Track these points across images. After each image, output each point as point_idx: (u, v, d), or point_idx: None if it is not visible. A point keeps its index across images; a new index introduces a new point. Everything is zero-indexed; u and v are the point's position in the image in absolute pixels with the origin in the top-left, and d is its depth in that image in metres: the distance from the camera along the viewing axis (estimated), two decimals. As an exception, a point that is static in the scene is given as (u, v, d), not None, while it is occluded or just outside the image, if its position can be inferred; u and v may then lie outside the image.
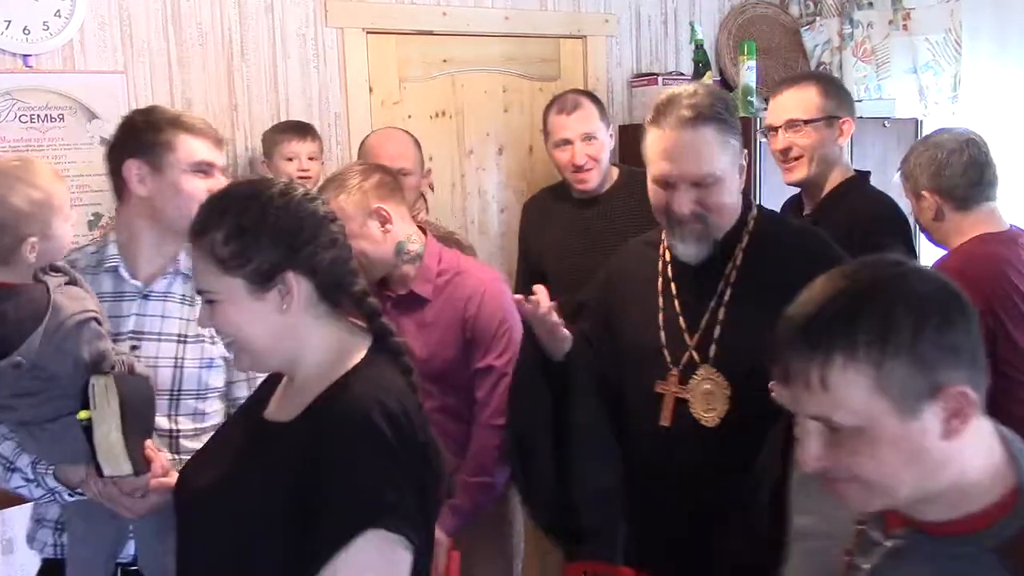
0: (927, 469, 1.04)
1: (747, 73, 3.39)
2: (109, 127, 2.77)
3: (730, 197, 1.82)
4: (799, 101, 2.52)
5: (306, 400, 1.39)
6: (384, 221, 2.27)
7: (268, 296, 1.38)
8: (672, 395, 1.84)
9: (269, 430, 1.43)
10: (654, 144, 1.81)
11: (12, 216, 1.64)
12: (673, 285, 1.91)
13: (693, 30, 3.60)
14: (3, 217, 1.64)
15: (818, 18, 3.99)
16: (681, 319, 1.87)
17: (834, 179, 2.53)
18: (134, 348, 1.84)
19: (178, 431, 1.84)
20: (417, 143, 2.90)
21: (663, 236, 1.92)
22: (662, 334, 1.88)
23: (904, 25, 3.71)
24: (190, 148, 1.86)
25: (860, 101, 3.71)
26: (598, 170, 2.89)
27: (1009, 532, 1.04)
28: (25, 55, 2.69)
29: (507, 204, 3.61)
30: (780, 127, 2.52)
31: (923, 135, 3.31)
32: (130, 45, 2.85)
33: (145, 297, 1.88)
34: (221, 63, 2.99)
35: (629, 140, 3.74)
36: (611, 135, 2.95)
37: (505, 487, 2.39)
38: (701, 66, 3.52)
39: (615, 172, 2.99)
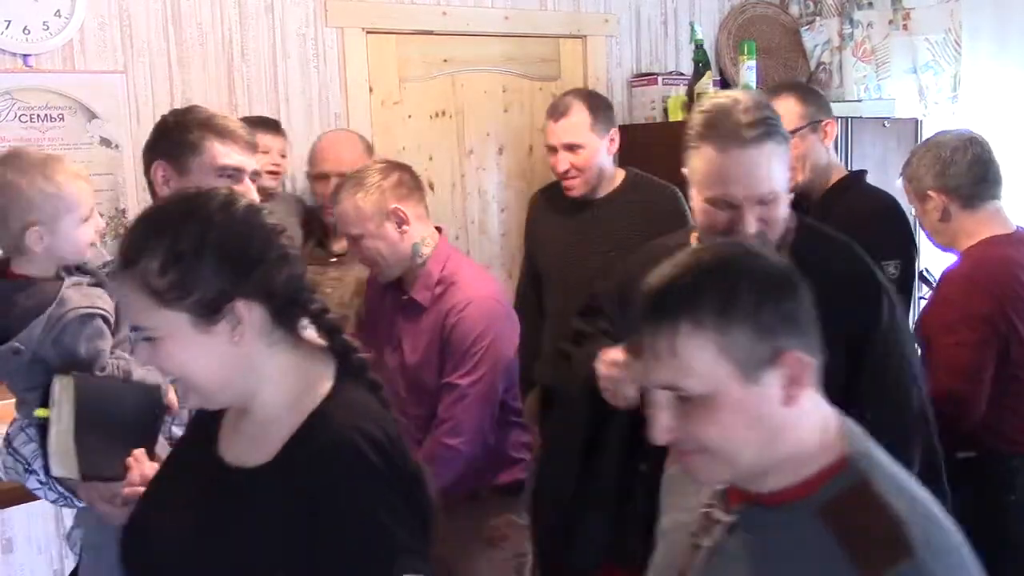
0: (767, 435, 1.09)
1: (747, 73, 3.39)
2: (109, 127, 2.79)
3: (785, 210, 1.76)
4: (782, 113, 2.49)
5: (277, 439, 1.24)
6: (401, 222, 2.27)
7: (216, 328, 1.21)
8: None
9: (237, 478, 1.26)
10: (710, 163, 1.69)
11: (18, 199, 1.66)
12: None
13: (693, 30, 3.59)
14: (10, 199, 1.66)
15: (818, 18, 4.00)
16: None
17: (830, 178, 2.54)
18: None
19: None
20: (368, 148, 2.87)
21: (692, 241, 1.81)
22: None
23: (904, 25, 3.71)
24: (216, 151, 1.83)
25: (860, 101, 3.72)
26: (583, 179, 2.83)
27: (831, 494, 1.09)
28: (25, 55, 2.69)
29: (507, 204, 3.61)
30: None
31: (923, 135, 3.31)
32: (130, 45, 2.85)
33: None
34: (221, 63, 2.99)
35: (629, 140, 3.74)
36: (611, 139, 2.87)
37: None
38: (701, 66, 3.52)
39: (619, 175, 2.93)
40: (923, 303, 2.68)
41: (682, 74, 3.77)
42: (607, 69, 3.76)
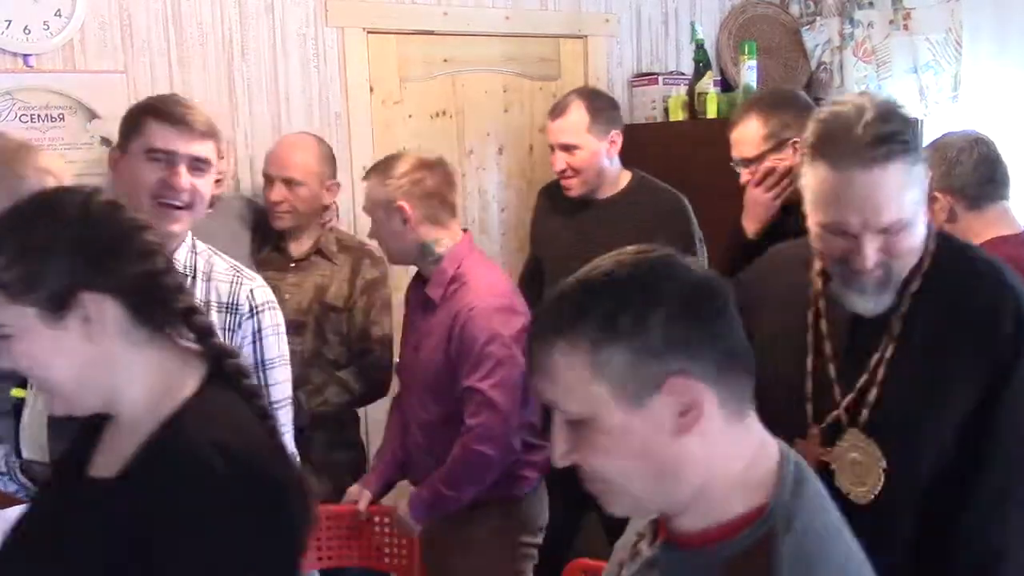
0: (658, 467, 1.01)
1: (748, 73, 3.39)
2: (109, 127, 2.78)
3: (918, 238, 1.51)
4: (744, 139, 2.46)
5: (132, 446, 1.18)
6: (404, 220, 2.30)
7: (68, 324, 1.16)
8: (814, 459, 1.50)
9: (91, 489, 1.21)
10: (823, 184, 1.47)
11: None
12: (826, 324, 1.59)
13: (694, 30, 3.60)
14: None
15: (818, 18, 3.99)
16: (832, 368, 1.57)
17: None
18: None
19: None
20: (325, 156, 2.79)
21: (818, 261, 1.63)
22: (809, 383, 1.58)
23: (904, 25, 3.71)
24: (150, 132, 1.80)
25: (860, 101, 3.71)
26: (580, 179, 2.80)
27: (740, 547, 1.01)
28: (25, 55, 2.69)
29: (507, 204, 3.61)
30: (739, 162, 2.49)
31: (923, 135, 3.31)
32: (130, 45, 2.85)
33: None
34: (221, 63, 2.99)
35: (629, 140, 3.73)
36: (612, 141, 2.82)
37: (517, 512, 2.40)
38: (702, 66, 3.52)
39: (624, 177, 2.88)
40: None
41: (683, 74, 3.76)
42: (607, 69, 3.76)
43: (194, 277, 1.85)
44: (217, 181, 2.75)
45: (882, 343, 1.53)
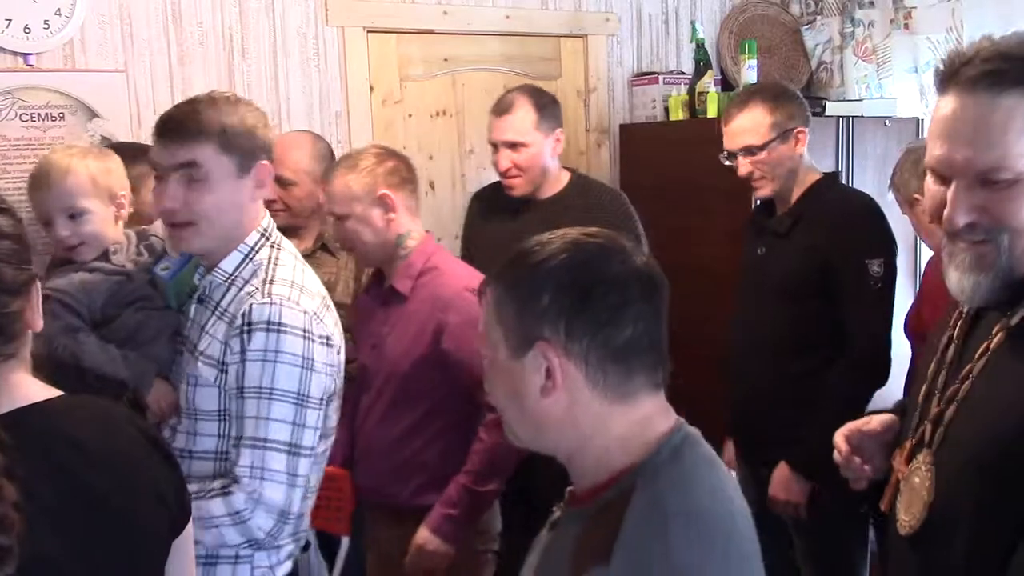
0: (528, 415, 1.17)
1: (748, 72, 3.39)
2: (110, 126, 2.79)
3: None
4: (750, 127, 2.48)
5: None
6: (388, 209, 2.23)
7: None
8: (897, 475, 1.36)
9: None
10: (933, 117, 1.26)
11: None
12: (961, 321, 1.36)
13: (694, 29, 3.60)
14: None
15: (819, 17, 3.99)
16: (943, 374, 1.35)
17: (806, 180, 2.51)
18: (180, 354, 1.79)
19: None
20: (321, 154, 2.71)
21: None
22: (924, 388, 1.38)
23: (905, 24, 3.71)
24: (153, 149, 1.73)
25: (861, 100, 3.71)
26: (526, 178, 2.73)
27: (605, 500, 1.14)
28: (26, 54, 2.69)
29: (508, 203, 3.61)
30: (738, 153, 2.49)
31: (924, 135, 3.31)
32: (131, 44, 2.85)
33: (200, 301, 1.79)
34: (222, 62, 2.99)
35: (629, 139, 3.75)
36: (556, 139, 2.75)
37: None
38: (702, 65, 3.52)
39: (564, 177, 2.82)
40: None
41: (683, 73, 3.76)
42: (608, 68, 3.76)
43: (232, 284, 1.75)
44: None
45: (979, 351, 1.27)
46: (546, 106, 2.75)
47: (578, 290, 1.14)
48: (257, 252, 1.76)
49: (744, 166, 2.50)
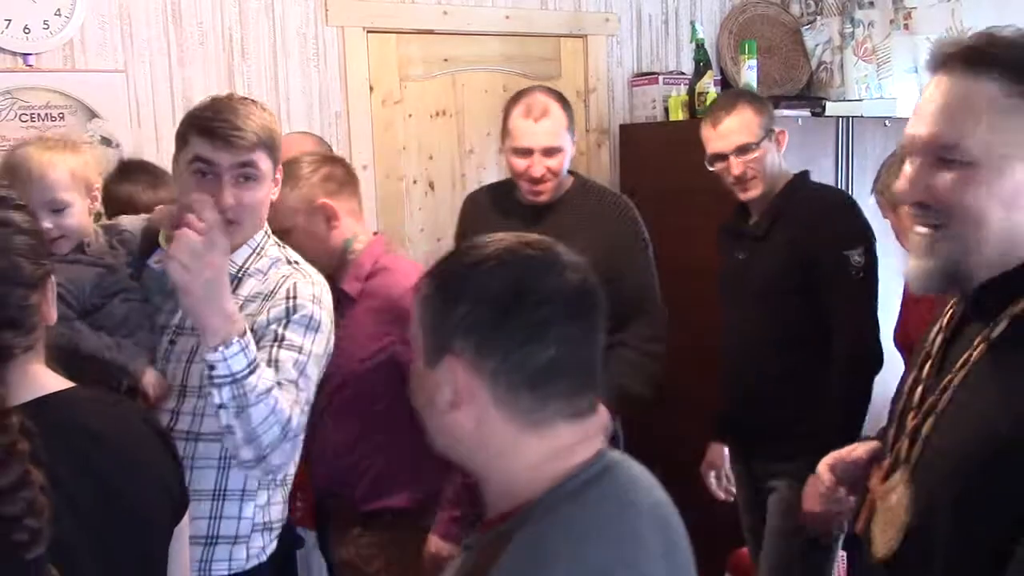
0: (439, 426, 1.08)
1: (748, 73, 3.39)
2: (109, 126, 2.79)
3: (999, 195, 1.12)
4: (742, 125, 2.49)
5: None
6: (330, 218, 2.19)
7: None
8: (873, 495, 1.28)
9: None
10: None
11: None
12: (943, 333, 1.28)
13: (694, 29, 3.59)
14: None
15: (819, 17, 3.99)
16: (921, 388, 1.26)
17: (779, 182, 2.53)
18: (172, 343, 1.83)
19: (172, 429, 1.76)
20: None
21: None
22: (902, 401, 1.30)
23: (905, 24, 3.71)
24: (192, 144, 1.79)
25: (861, 101, 3.71)
26: (554, 183, 2.61)
27: (496, 533, 1.06)
28: (25, 54, 2.69)
29: (507, 203, 3.61)
30: (731, 153, 2.50)
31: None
32: (130, 44, 2.85)
33: None
34: (221, 62, 2.99)
35: (629, 140, 3.75)
36: (574, 142, 2.66)
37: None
38: (702, 65, 3.52)
39: (567, 180, 2.68)
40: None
41: (683, 74, 3.76)
42: (607, 68, 3.76)
43: (244, 275, 1.85)
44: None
45: (961, 361, 1.18)
46: (569, 110, 2.67)
47: (497, 304, 1.03)
48: (264, 248, 1.89)
49: (737, 166, 2.49)
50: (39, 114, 2.70)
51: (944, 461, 1.15)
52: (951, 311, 1.28)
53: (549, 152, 2.57)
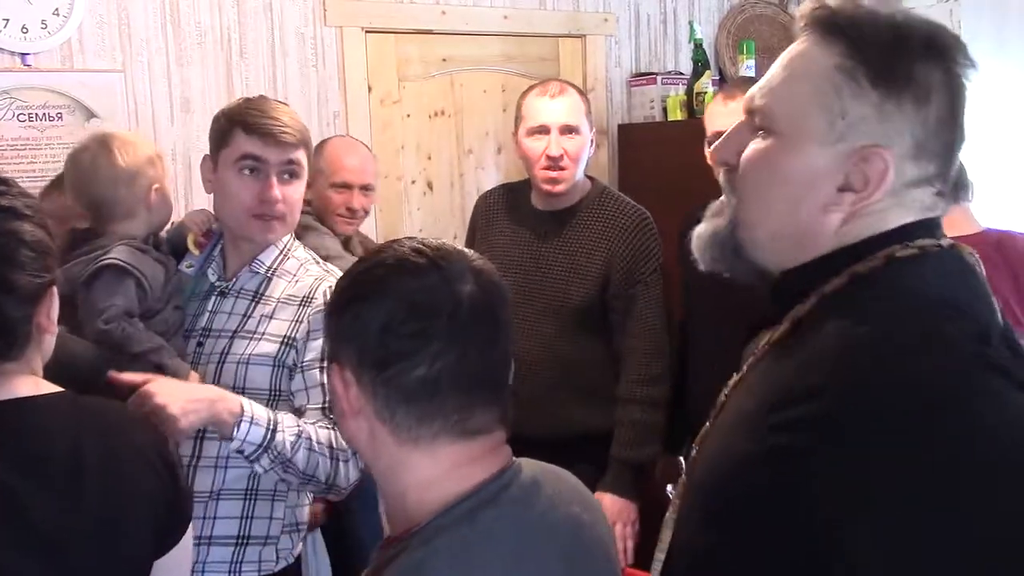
0: (345, 433, 1.07)
1: (746, 73, 3.40)
2: (108, 126, 2.78)
3: (790, 175, 0.98)
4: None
5: None
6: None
7: None
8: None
9: None
10: None
11: (140, 162, 1.83)
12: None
13: (692, 29, 3.60)
14: (136, 161, 1.83)
15: (817, 17, 4.00)
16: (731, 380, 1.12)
17: None
18: (199, 346, 1.83)
19: (205, 432, 1.74)
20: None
21: None
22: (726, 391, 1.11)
23: (903, 25, 3.71)
24: (238, 142, 1.79)
25: (859, 101, 3.71)
26: (572, 171, 2.41)
27: (384, 556, 1.02)
28: (23, 54, 2.69)
29: (506, 203, 3.61)
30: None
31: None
32: (128, 44, 2.85)
33: (222, 294, 1.86)
34: (220, 62, 2.99)
35: (627, 140, 3.75)
36: (593, 141, 2.49)
37: None
38: (700, 65, 3.52)
39: (587, 184, 2.51)
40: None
41: (681, 74, 3.76)
42: (606, 68, 3.76)
43: (273, 276, 1.86)
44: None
45: (759, 349, 1.04)
46: (587, 101, 2.52)
47: (379, 315, 0.99)
48: (291, 249, 1.91)
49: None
50: (37, 114, 2.70)
51: (699, 472, 1.02)
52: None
53: (567, 130, 2.40)
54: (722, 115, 2.31)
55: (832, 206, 0.95)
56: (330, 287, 1.79)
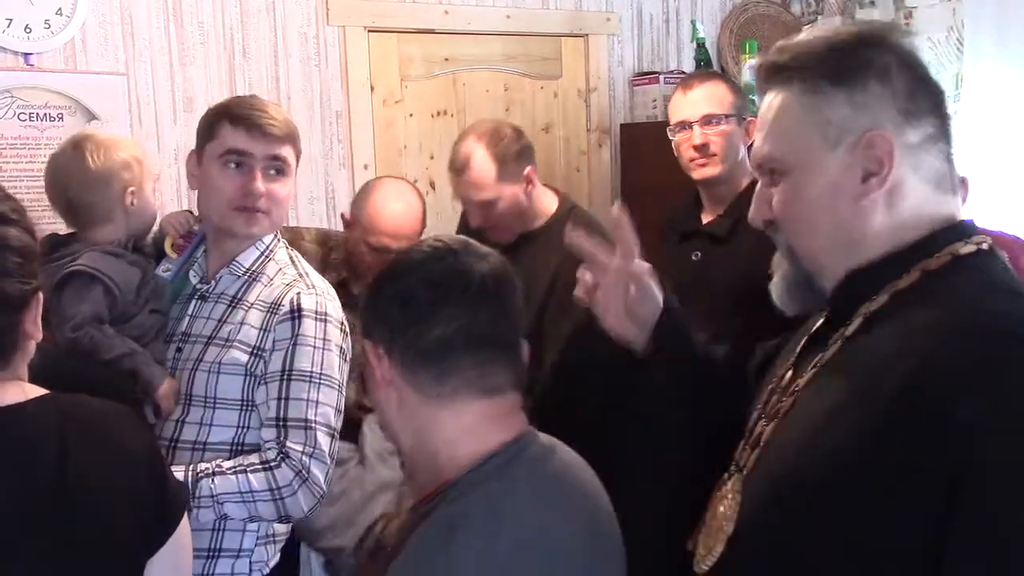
0: (377, 408, 1.22)
1: (749, 72, 3.39)
2: (109, 128, 2.78)
3: (818, 196, 1.08)
4: (713, 96, 2.41)
5: None
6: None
7: None
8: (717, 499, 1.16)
9: None
10: None
11: (116, 164, 1.81)
12: (804, 338, 1.20)
13: (695, 29, 3.59)
14: (112, 165, 1.80)
15: (820, 17, 3.99)
16: (776, 394, 1.17)
17: (742, 182, 2.40)
18: (179, 351, 1.80)
19: (177, 440, 1.74)
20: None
21: None
22: (758, 408, 1.19)
23: (906, 24, 3.70)
24: (224, 136, 1.77)
25: (862, 100, 3.71)
26: (505, 227, 2.41)
27: (422, 511, 1.14)
28: (26, 53, 2.69)
29: (508, 203, 3.60)
30: (696, 122, 2.40)
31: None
32: (131, 44, 2.85)
33: (203, 298, 1.83)
34: (223, 62, 2.99)
35: (629, 139, 3.75)
36: (527, 179, 2.40)
37: None
38: (703, 65, 3.52)
39: (550, 205, 2.47)
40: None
41: (684, 73, 3.76)
42: (608, 68, 3.76)
43: (252, 279, 1.82)
44: None
45: (812, 362, 1.11)
46: (506, 151, 2.39)
47: (401, 291, 1.16)
48: (273, 251, 1.87)
49: (700, 136, 2.39)
50: (38, 114, 2.70)
51: (773, 467, 1.06)
52: (819, 319, 1.20)
53: (480, 205, 2.40)
54: (682, 105, 2.45)
55: (863, 195, 1.05)
56: (298, 295, 1.76)
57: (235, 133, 1.76)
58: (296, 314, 1.75)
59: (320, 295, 1.81)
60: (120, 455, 1.20)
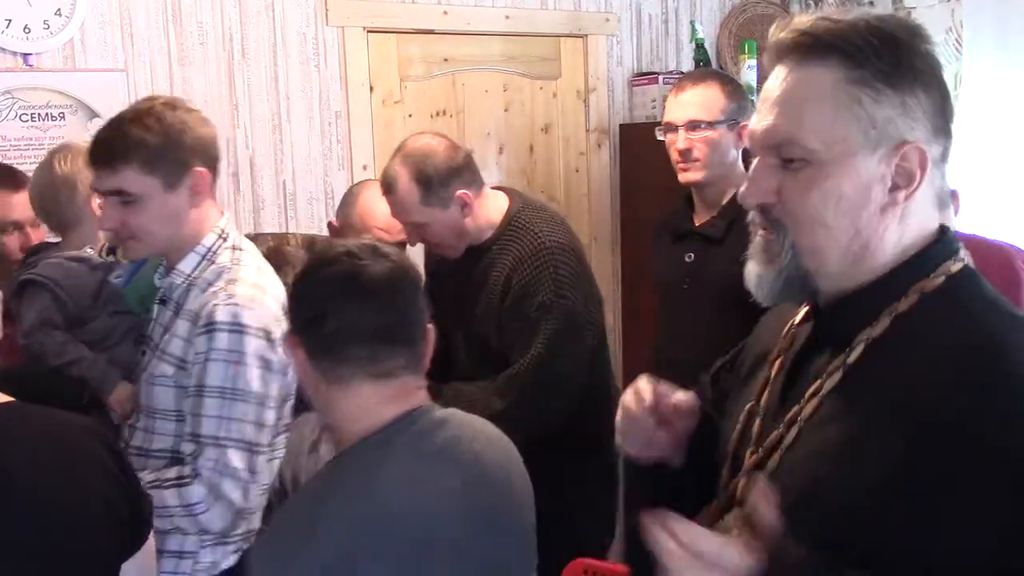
0: (309, 392, 1.43)
1: (748, 72, 3.39)
2: (110, 126, 2.79)
3: (842, 196, 1.00)
4: (703, 101, 2.37)
5: None
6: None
7: None
8: None
9: None
10: None
11: (82, 172, 1.84)
12: (782, 358, 1.13)
13: (694, 29, 3.60)
14: (78, 172, 1.85)
15: (819, 17, 3.99)
16: (759, 419, 1.11)
17: (735, 184, 2.30)
18: (143, 355, 1.80)
19: (128, 444, 1.73)
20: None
21: None
22: (734, 435, 1.13)
23: (905, 24, 3.71)
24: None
25: (861, 100, 3.71)
26: (448, 247, 2.31)
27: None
28: (26, 54, 2.69)
29: (507, 203, 3.61)
30: (681, 127, 2.39)
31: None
32: (131, 44, 2.85)
33: (163, 302, 1.80)
34: (222, 62, 2.99)
35: (628, 139, 3.75)
36: (461, 202, 2.25)
37: None
38: (702, 65, 3.52)
39: (496, 214, 2.32)
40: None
41: (683, 73, 3.76)
42: (607, 68, 3.76)
43: (191, 285, 1.76)
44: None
45: (813, 387, 1.03)
46: (431, 176, 2.22)
47: (302, 291, 1.36)
48: (216, 254, 1.77)
49: (683, 141, 2.38)
50: (39, 114, 2.70)
51: (801, 504, 0.96)
52: (791, 332, 1.13)
53: (415, 227, 2.28)
54: (671, 107, 2.45)
55: (889, 207, 1.00)
56: (215, 306, 1.66)
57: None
58: (210, 327, 1.65)
59: (240, 304, 1.67)
60: (89, 461, 1.19)
